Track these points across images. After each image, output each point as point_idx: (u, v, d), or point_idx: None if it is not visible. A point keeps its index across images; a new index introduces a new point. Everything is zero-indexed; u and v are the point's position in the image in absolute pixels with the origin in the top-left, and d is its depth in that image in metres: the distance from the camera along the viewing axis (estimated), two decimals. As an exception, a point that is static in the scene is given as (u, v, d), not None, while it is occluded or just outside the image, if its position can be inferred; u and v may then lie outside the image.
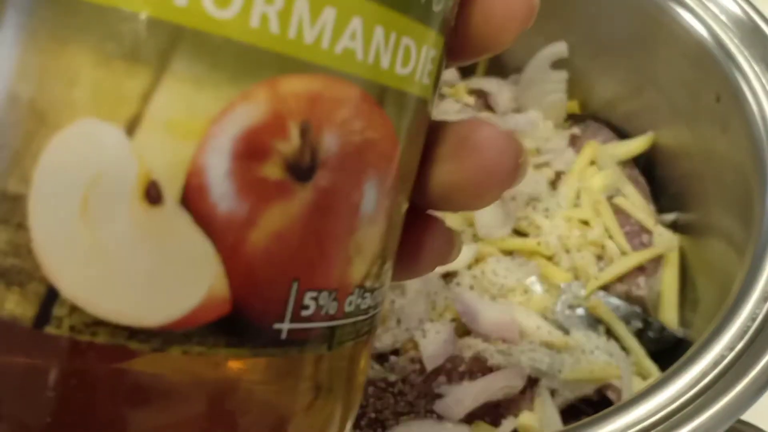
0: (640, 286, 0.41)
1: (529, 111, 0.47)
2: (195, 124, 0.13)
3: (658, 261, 0.42)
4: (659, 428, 0.26)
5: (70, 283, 0.13)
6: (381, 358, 0.36)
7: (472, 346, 0.36)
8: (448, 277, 0.39)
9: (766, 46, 0.38)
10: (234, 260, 0.14)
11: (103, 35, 0.13)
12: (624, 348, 0.38)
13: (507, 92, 0.49)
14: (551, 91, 0.48)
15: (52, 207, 0.13)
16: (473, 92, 0.49)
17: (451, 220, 0.41)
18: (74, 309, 0.13)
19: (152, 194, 0.13)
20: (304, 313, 0.15)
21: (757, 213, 0.34)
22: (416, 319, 0.37)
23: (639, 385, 0.36)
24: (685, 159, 0.44)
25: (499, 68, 0.50)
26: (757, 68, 0.38)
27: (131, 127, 0.13)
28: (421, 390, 0.35)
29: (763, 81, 0.37)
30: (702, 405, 0.26)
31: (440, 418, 0.34)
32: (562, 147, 0.46)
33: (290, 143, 0.14)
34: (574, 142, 0.46)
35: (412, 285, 0.37)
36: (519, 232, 0.42)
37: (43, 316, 0.13)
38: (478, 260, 0.40)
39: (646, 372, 0.38)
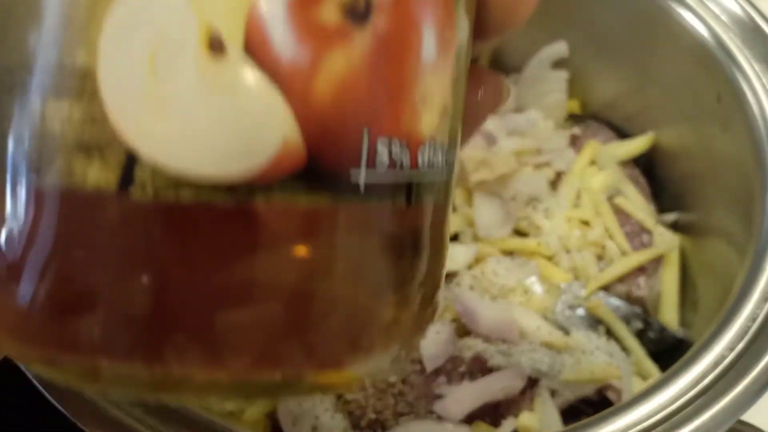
0: (641, 287, 0.41)
1: (530, 111, 0.47)
2: None
3: (658, 261, 0.42)
4: (659, 429, 0.26)
5: (149, 145, 0.13)
6: (381, 358, 0.36)
7: (472, 346, 0.36)
8: (448, 277, 0.39)
9: (766, 45, 0.38)
10: (303, 108, 0.14)
11: None
12: (624, 348, 0.38)
13: (507, 92, 0.49)
14: (551, 90, 0.48)
15: (121, 72, 0.13)
16: (473, 92, 0.49)
17: (451, 221, 0.41)
18: (156, 170, 0.13)
19: (215, 45, 0.13)
20: (379, 160, 0.15)
21: (758, 213, 0.33)
22: (416, 319, 0.37)
23: (639, 385, 0.36)
24: (686, 159, 0.44)
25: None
26: (757, 68, 0.38)
27: None
28: (421, 390, 0.35)
29: (764, 81, 0.37)
30: (702, 405, 0.26)
31: (440, 418, 0.34)
32: (562, 147, 0.45)
33: None
34: (575, 142, 0.46)
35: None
36: (519, 232, 0.42)
37: (127, 181, 0.13)
38: (478, 260, 0.40)
39: (647, 372, 0.38)
